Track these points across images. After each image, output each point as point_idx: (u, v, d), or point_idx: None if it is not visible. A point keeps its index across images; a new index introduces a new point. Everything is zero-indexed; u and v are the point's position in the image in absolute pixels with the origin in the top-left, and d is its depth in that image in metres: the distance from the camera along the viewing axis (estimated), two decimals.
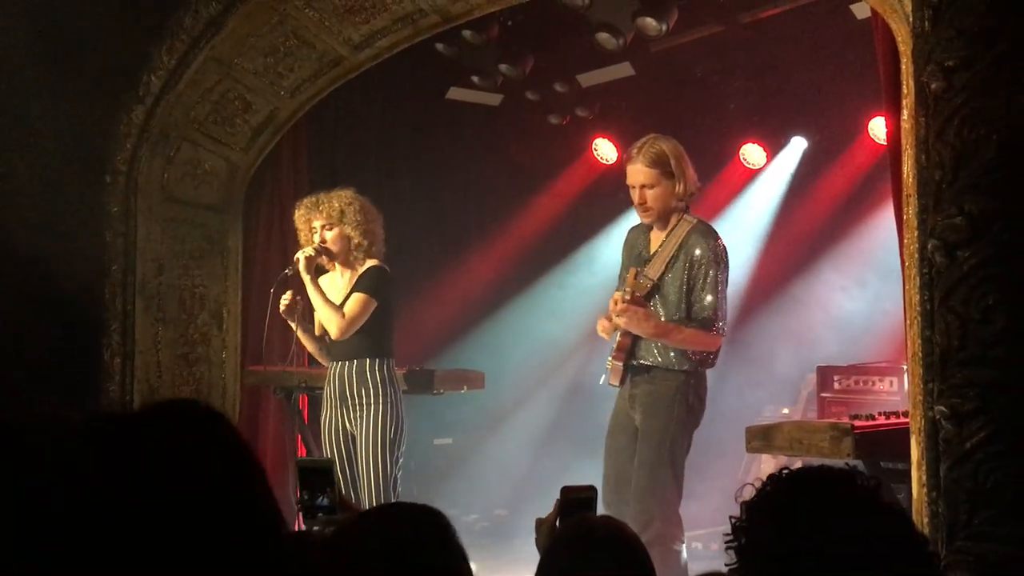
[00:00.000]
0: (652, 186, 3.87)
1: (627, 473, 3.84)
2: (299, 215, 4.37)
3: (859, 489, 1.43)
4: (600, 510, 3.93)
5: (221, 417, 1.31)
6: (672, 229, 3.91)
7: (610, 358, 3.95)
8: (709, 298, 3.79)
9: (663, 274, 3.85)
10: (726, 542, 1.45)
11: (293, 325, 4.29)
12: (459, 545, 1.59)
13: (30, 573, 1.05)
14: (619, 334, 3.87)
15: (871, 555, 1.36)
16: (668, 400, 3.81)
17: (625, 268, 4.08)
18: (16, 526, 1.02)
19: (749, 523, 1.43)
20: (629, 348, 3.86)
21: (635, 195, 3.92)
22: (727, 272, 3.90)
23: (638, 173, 3.89)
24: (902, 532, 1.41)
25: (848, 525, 1.38)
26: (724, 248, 3.91)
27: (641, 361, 3.87)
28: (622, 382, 3.94)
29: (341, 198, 4.31)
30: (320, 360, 4.42)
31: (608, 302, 3.99)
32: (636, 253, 4.04)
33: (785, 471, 1.47)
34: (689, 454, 4.02)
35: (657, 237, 3.98)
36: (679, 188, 3.87)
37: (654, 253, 3.94)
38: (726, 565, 1.47)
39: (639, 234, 4.09)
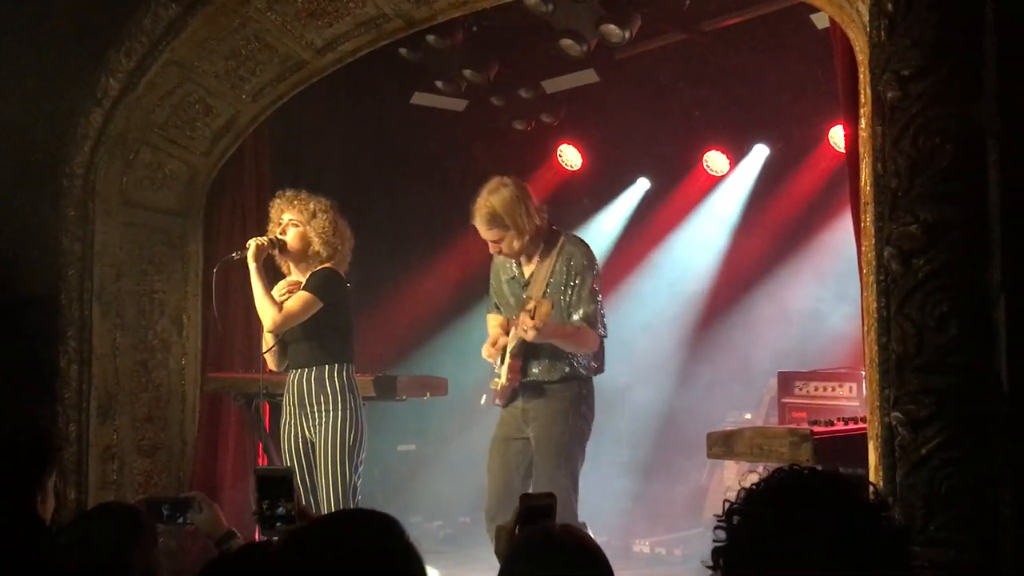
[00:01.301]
0: (499, 240, 4.08)
1: (515, 486, 4.02)
2: (275, 204, 4.33)
3: (839, 490, 1.43)
4: (485, 525, 4.02)
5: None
6: (541, 250, 4.11)
7: (498, 379, 4.11)
8: (588, 301, 3.99)
9: (544, 293, 4.01)
10: (714, 542, 1.44)
11: (256, 281, 4.14)
12: (413, 550, 1.58)
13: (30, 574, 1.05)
14: (509, 358, 4.03)
15: (846, 556, 1.37)
16: (563, 411, 4.00)
17: (498, 292, 4.29)
18: None
19: (732, 524, 1.43)
20: (521, 367, 4.03)
21: (490, 247, 4.15)
22: (599, 277, 4.12)
23: (483, 233, 4.11)
24: (879, 532, 1.41)
25: (823, 526, 1.38)
26: (593, 255, 4.13)
27: (534, 378, 4.04)
28: (511, 400, 4.12)
29: (319, 203, 4.27)
30: (271, 363, 4.35)
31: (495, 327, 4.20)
32: (509, 278, 4.21)
33: (776, 471, 1.47)
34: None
35: (528, 262, 4.17)
36: (517, 239, 4.04)
37: (529, 276, 4.13)
38: (707, 567, 1.46)
39: (507, 259, 4.22)
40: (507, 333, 4.11)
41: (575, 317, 3.98)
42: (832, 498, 1.43)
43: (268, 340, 4.25)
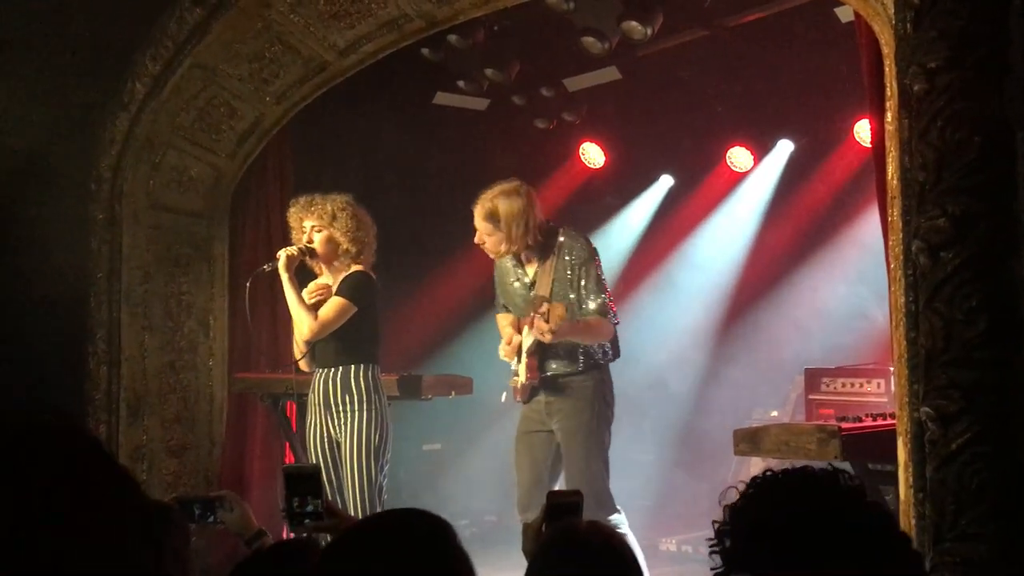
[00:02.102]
0: (488, 235, 4.13)
1: (544, 478, 4.10)
2: (292, 213, 4.34)
3: (842, 489, 1.43)
4: (519, 518, 4.04)
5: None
6: (541, 252, 4.14)
7: (517, 378, 4.16)
8: (594, 291, 4.03)
9: (552, 291, 4.05)
10: (710, 546, 1.44)
11: (288, 287, 4.18)
12: (464, 553, 1.59)
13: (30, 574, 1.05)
14: (526, 357, 4.09)
15: (855, 555, 1.36)
16: (587, 400, 4.05)
17: (504, 293, 4.32)
18: None
19: (732, 526, 1.43)
20: (538, 364, 4.08)
21: (477, 239, 4.21)
22: (601, 265, 4.15)
23: (476, 219, 4.18)
24: (886, 531, 1.41)
25: (832, 525, 1.37)
26: (591, 244, 4.16)
27: (553, 372, 4.09)
28: (532, 396, 4.15)
29: (335, 202, 4.27)
30: (303, 365, 4.36)
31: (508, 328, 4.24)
32: (513, 280, 4.25)
33: (768, 472, 1.46)
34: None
35: (530, 262, 4.21)
36: (504, 245, 4.10)
37: (534, 275, 4.16)
38: (712, 570, 1.46)
39: (508, 261, 4.27)
40: (519, 331, 4.16)
41: (589, 307, 4.02)
42: (807, 495, 1.42)
43: (300, 346, 4.26)
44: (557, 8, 5.14)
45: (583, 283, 4.04)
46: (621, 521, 4.00)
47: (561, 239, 4.12)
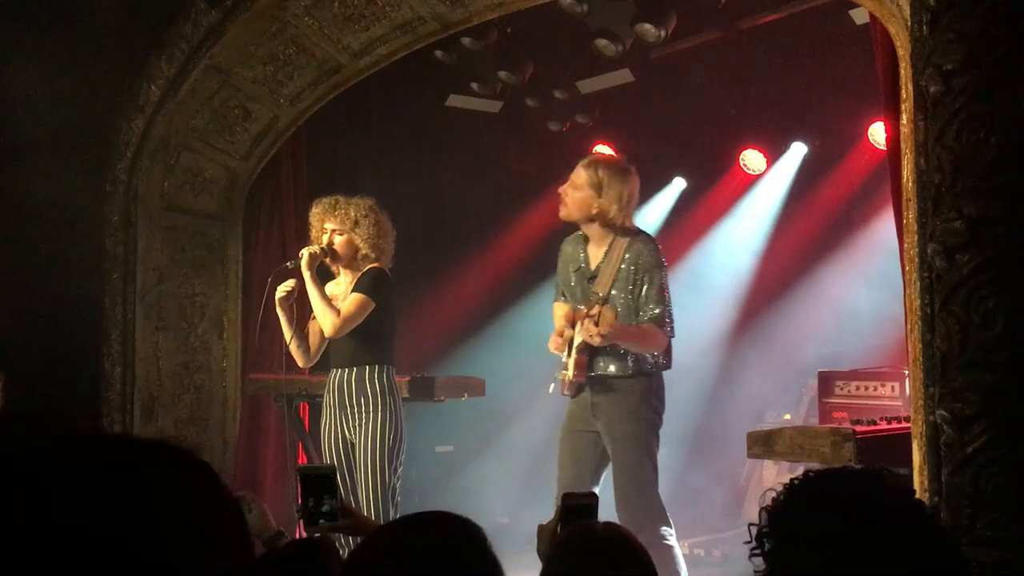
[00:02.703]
0: (577, 193, 4.01)
1: (586, 480, 3.99)
2: (314, 213, 4.34)
3: (887, 489, 1.41)
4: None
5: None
6: (611, 245, 4.04)
7: (565, 371, 4.06)
8: (656, 299, 3.94)
9: (610, 290, 3.96)
10: (751, 550, 1.42)
11: (282, 316, 4.23)
12: (496, 559, 1.59)
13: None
14: (575, 354, 3.98)
15: (902, 556, 1.34)
16: (635, 407, 3.94)
17: (564, 280, 4.21)
18: None
19: (774, 528, 1.41)
20: (587, 362, 3.98)
21: (562, 187, 4.08)
22: (667, 276, 4.06)
23: (577, 172, 4.06)
24: (931, 532, 1.39)
25: (879, 527, 1.35)
26: (662, 253, 4.07)
27: (601, 372, 3.98)
28: (578, 393, 4.06)
29: (359, 207, 4.27)
30: (298, 359, 4.37)
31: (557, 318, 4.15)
32: (576, 268, 4.15)
33: (810, 473, 1.45)
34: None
35: (595, 253, 4.09)
36: (596, 208, 3.97)
37: (596, 268, 4.05)
38: (755, 572, 1.44)
39: (575, 248, 4.18)
40: (572, 325, 4.03)
41: (647, 315, 3.92)
42: (856, 493, 1.41)
43: (288, 334, 4.26)
44: (571, 11, 5.14)
45: (645, 289, 3.93)
46: (670, 533, 3.91)
47: (631, 239, 4.01)
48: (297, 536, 3.36)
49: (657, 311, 3.91)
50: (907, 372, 2.93)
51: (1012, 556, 2.27)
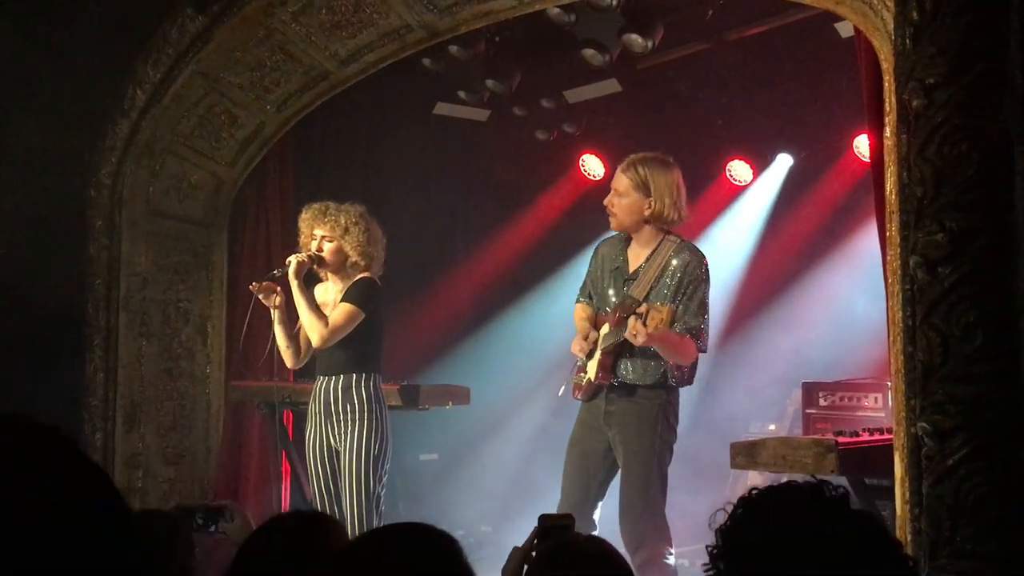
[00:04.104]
0: (623, 195, 3.89)
1: (592, 494, 3.89)
2: (304, 218, 4.30)
3: (827, 500, 1.43)
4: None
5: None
6: (655, 249, 3.89)
7: (584, 374, 3.94)
8: (695, 313, 3.80)
9: (647, 295, 3.82)
10: (705, 571, 1.44)
11: (275, 317, 4.20)
12: (468, 565, 1.59)
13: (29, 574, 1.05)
14: (600, 355, 3.85)
15: (847, 563, 1.36)
16: (651, 419, 3.80)
17: (596, 280, 4.06)
18: None
19: (724, 549, 1.43)
20: (611, 368, 3.84)
21: (607, 198, 3.97)
22: (709, 292, 3.90)
23: (618, 180, 3.94)
24: (875, 537, 1.41)
25: (820, 537, 1.38)
26: (707, 266, 3.91)
27: (623, 380, 3.84)
28: (592, 397, 3.92)
29: (349, 214, 4.23)
30: (287, 360, 4.35)
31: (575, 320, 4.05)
32: (614, 268, 3.99)
33: (753, 491, 1.47)
34: (675, 470, 4.04)
35: (637, 254, 3.95)
36: (648, 208, 3.85)
37: (635, 271, 3.91)
38: None
39: (614, 248, 4.03)
40: (596, 327, 3.92)
41: (685, 325, 3.76)
42: (791, 510, 1.43)
43: (280, 338, 4.25)
44: (558, 20, 5.15)
45: (689, 300, 3.77)
46: (670, 553, 3.83)
47: (678, 246, 3.86)
48: None
49: (695, 323, 3.77)
50: (890, 384, 2.94)
51: (992, 569, 2.27)
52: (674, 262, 3.82)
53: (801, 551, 1.36)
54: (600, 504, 3.96)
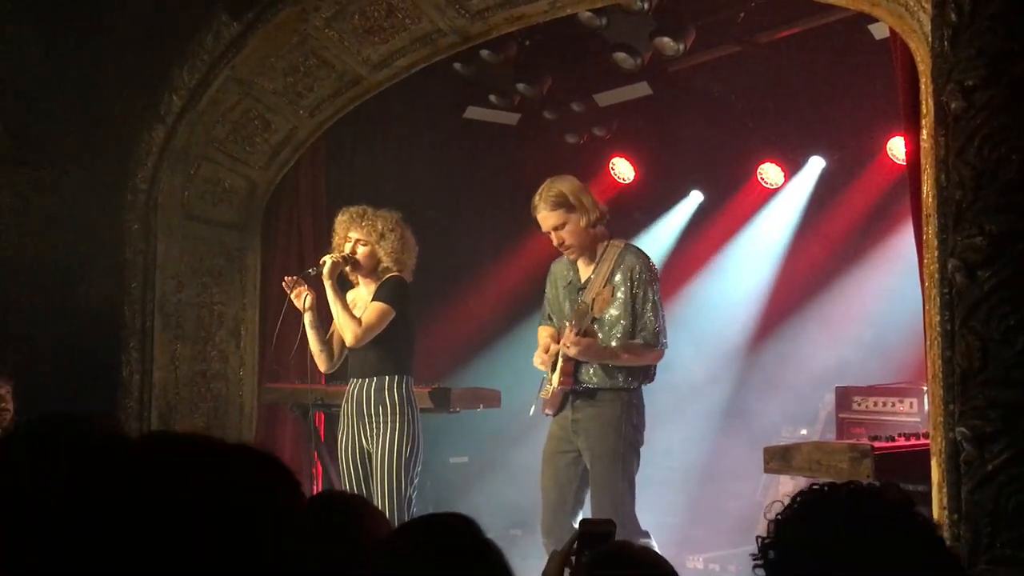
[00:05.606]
0: (562, 225, 4.04)
1: (569, 500, 4.04)
2: (340, 221, 4.36)
3: (889, 504, 1.42)
4: (542, 539, 4.01)
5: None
6: (601, 256, 4.09)
7: (549, 387, 4.10)
8: (651, 316, 3.99)
9: (597, 295, 3.98)
10: (753, 560, 1.44)
11: (308, 320, 4.24)
12: (491, 545, 1.60)
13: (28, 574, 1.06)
14: (561, 362, 4.01)
15: (902, 569, 1.35)
16: (615, 422, 3.98)
17: (552, 299, 4.27)
18: None
19: (777, 539, 1.42)
20: (573, 373, 4.02)
21: (553, 239, 4.11)
22: (659, 288, 4.10)
23: (546, 219, 4.08)
24: (932, 547, 1.40)
25: (878, 540, 1.36)
26: (655, 266, 4.12)
27: (586, 385, 4.02)
28: (560, 410, 4.10)
29: (386, 220, 4.30)
30: (320, 365, 4.38)
31: (541, 334, 4.23)
32: (566, 283, 4.19)
33: (815, 486, 1.46)
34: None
35: (586, 266, 4.14)
36: (583, 220, 4.03)
37: (586, 281, 4.09)
38: None
39: (563, 265, 4.23)
40: (558, 343, 4.11)
41: (644, 332, 3.98)
42: (856, 508, 1.42)
43: (313, 342, 4.29)
44: (590, 24, 5.15)
45: (643, 309, 3.98)
46: (650, 543, 3.95)
47: (621, 252, 4.07)
48: None
49: (652, 327, 3.98)
50: (926, 388, 2.91)
51: None
52: (622, 265, 4.02)
53: (859, 550, 1.35)
54: (580, 512, 4.09)
